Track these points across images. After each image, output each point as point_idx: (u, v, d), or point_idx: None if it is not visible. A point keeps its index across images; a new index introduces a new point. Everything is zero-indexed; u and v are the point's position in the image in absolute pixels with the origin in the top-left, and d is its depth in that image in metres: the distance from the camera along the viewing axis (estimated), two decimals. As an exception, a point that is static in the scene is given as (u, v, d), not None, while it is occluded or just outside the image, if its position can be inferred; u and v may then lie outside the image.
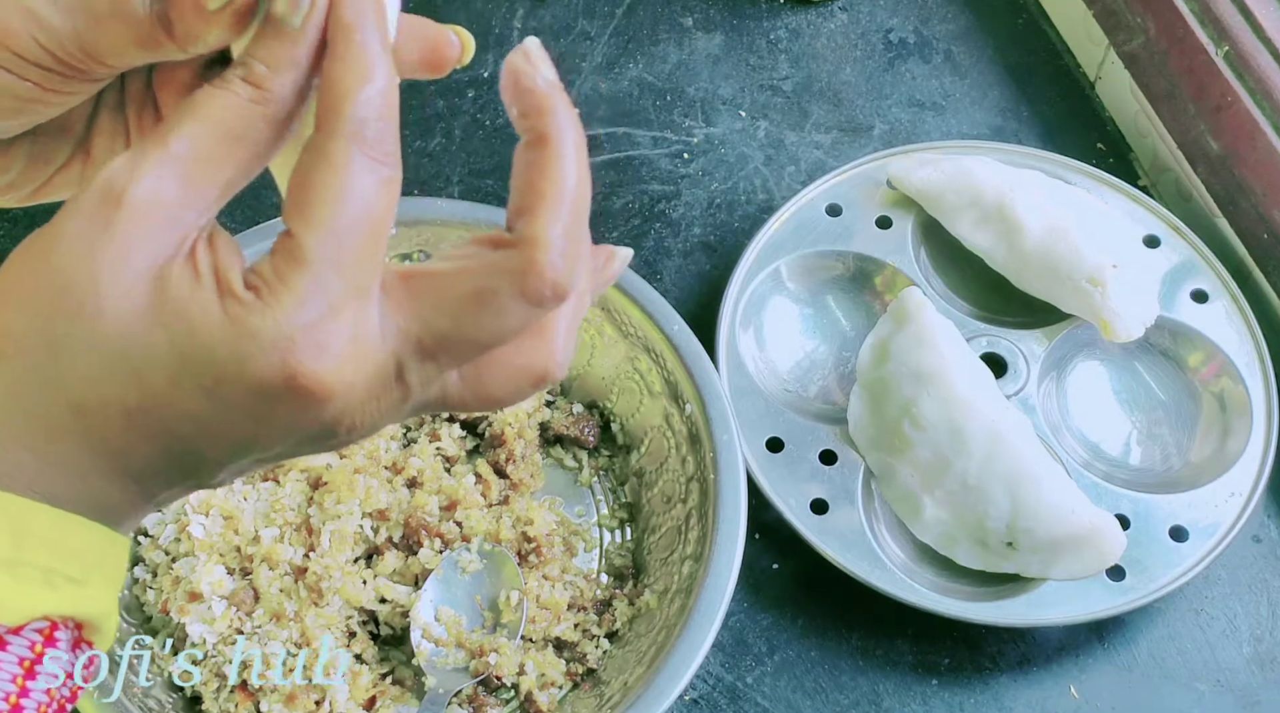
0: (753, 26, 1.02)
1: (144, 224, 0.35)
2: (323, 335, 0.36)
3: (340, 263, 0.36)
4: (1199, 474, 0.80)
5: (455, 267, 0.38)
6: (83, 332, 0.35)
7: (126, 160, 0.36)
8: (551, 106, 0.38)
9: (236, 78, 0.37)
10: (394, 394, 0.38)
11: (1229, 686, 0.77)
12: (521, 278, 0.37)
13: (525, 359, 0.40)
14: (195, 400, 0.36)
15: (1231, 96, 0.86)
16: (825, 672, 0.77)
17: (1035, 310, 0.86)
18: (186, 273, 0.36)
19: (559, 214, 0.38)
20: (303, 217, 0.36)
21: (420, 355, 0.38)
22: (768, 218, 0.88)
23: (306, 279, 0.36)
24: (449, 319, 0.37)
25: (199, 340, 0.36)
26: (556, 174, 0.38)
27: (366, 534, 0.76)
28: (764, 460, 0.80)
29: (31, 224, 0.91)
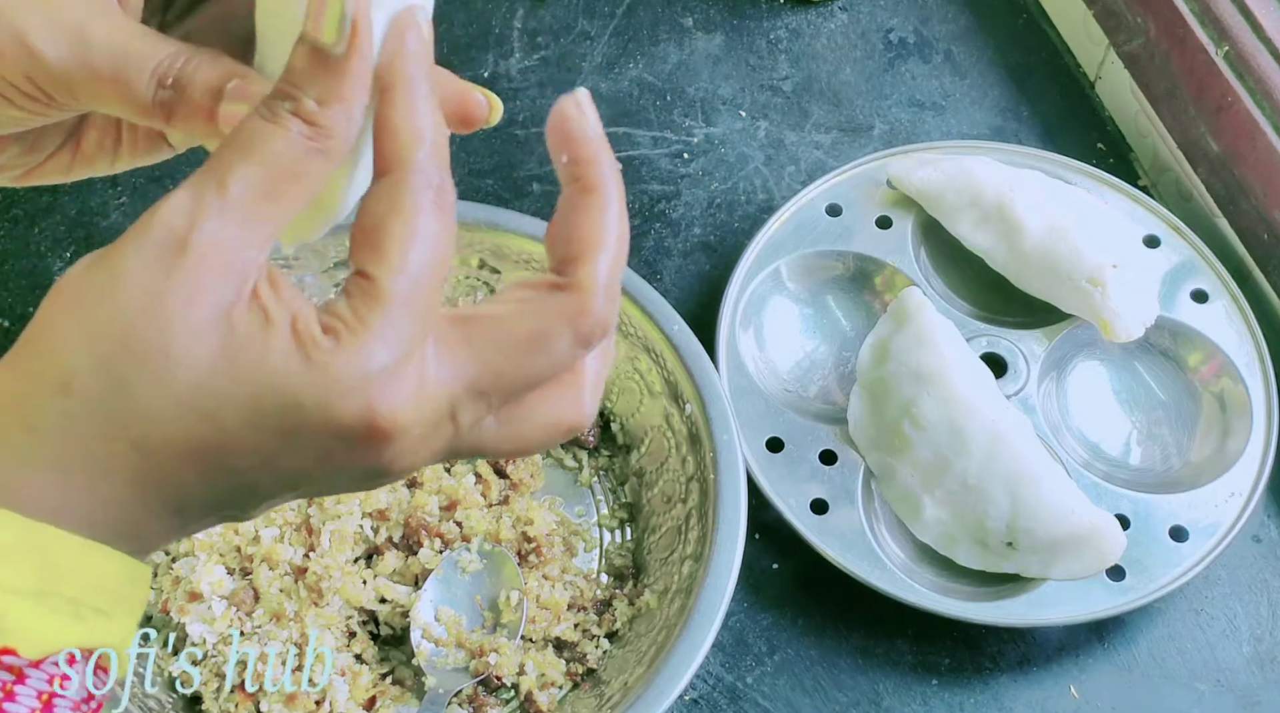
0: (753, 26, 1.02)
1: (208, 270, 0.36)
2: (399, 376, 0.37)
3: (414, 305, 0.37)
4: (1199, 474, 0.80)
5: (511, 309, 0.39)
6: (151, 375, 0.36)
7: (185, 203, 0.36)
8: (600, 158, 0.40)
9: (286, 112, 0.37)
10: (445, 434, 0.39)
11: (1229, 686, 0.77)
12: (575, 320, 0.39)
13: (557, 409, 0.41)
14: (269, 441, 0.37)
15: (1232, 97, 0.86)
16: (825, 672, 0.77)
17: (1035, 310, 0.86)
18: (256, 317, 0.36)
19: (606, 258, 0.39)
20: (379, 259, 0.37)
21: (474, 395, 0.39)
22: (768, 218, 0.88)
23: (384, 321, 0.37)
24: (506, 360, 0.39)
25: (279, 387, 0.36)
26: (605, 223, 0.40)
27: (366, 534, 0.76)
28: (764, 460, 0.80)
29: (32, 225, 0.91)
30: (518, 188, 0.93)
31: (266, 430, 0.37)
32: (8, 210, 0.92)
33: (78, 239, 0.91)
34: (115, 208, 0.92)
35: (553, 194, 0.94)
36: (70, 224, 0.92)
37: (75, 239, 0.91)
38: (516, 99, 0.98)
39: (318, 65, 0.38)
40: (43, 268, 0.90)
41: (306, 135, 0.37)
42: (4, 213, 0.92)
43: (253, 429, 0.37)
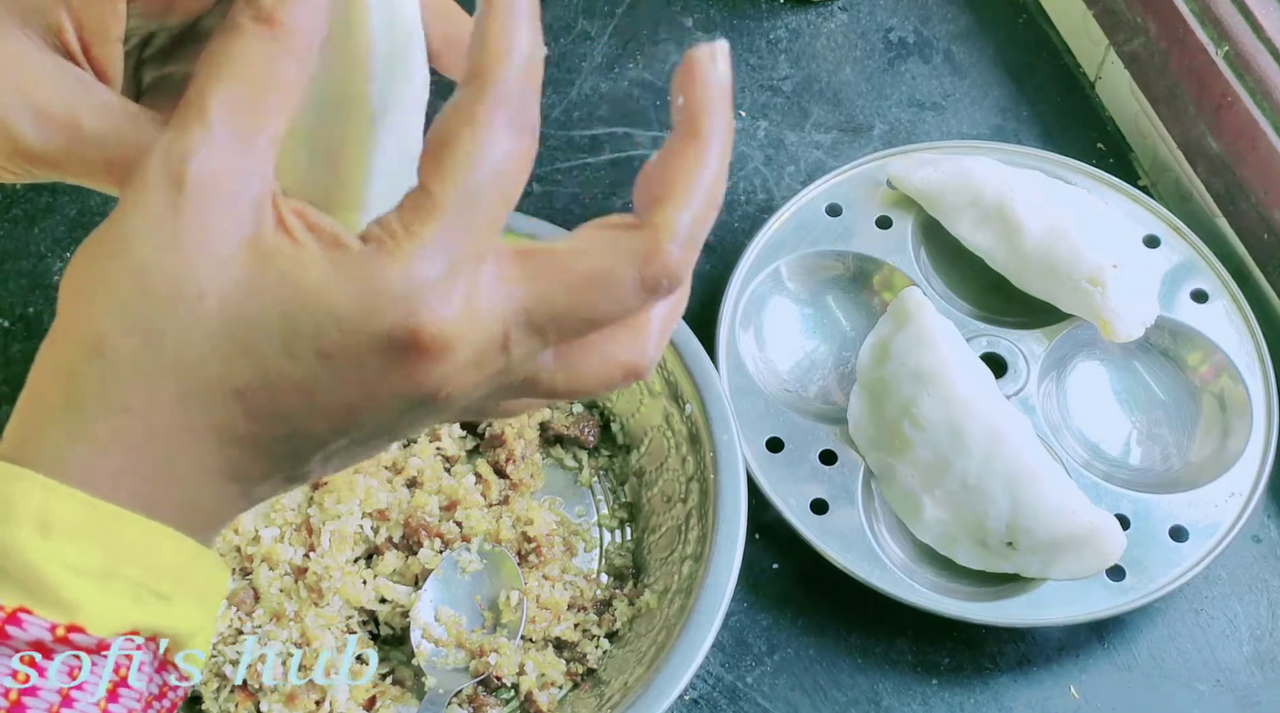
0: (753, 26, 1.02)
1: (215, 199, 0.34)
2: (446, 291, 0.35)
3: (470, 221, 0.35)
4: (1199, 474, 0.80)
5: (577, 244, 0.37)
6: (183, 317, 0.34)
7: (170, 142, 0.35)
8: (715, 107, 0.38)
9: (246, 18, 0.36)
10: (496, 363, 0.37)
11: (1229, 686, 0.77)
12: (644, 262, 0.37)
13: (620, 350, 0.39)
14: (308, 368, 0.35)
15: (1232, 96, 0.86)
16: (825, 672, 0.77)
17: (1035, 310, 0.86)
18: (281, 238, 0.35)
19: (691, 206, 0.37)
20: (439, 171, 0.35)
21: (529, 328, 0.36)
22: (768, 218, 0.88)
23: (436, 233, 0.35)
24: (566, 295, 0.36)
25: (313, 301, 0.34)
26: (697, 169, 0.37)
27: (366, 534, 0.76)
28: (764, 460, 0.80)
29: (32, 225, 0.91)
30: (518, 188, 0.93)
31: (306, 355, 0.35)
32: (8, 210, 0.92)
33: (78, 239, 0.91)
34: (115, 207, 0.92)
35: (553, 194, 0.94)
36: (70, 224, 0.92)
37: (75, 239, 0.91)
38: (516, 99, 0.98)
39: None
40: (43, 268, 0.90)
41: (270, 37, 0.36)
42: (4, 213, 0.92)
43: (291, 357, 0.35)
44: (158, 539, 0.36)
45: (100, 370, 0.35)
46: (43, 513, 0.34)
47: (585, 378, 0.39)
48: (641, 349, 0.39)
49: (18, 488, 0.34)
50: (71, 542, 0.34)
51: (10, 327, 0.87)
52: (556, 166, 0.95)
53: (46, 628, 0.34)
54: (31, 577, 0.34)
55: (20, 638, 0.34)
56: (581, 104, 0.98)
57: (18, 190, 0.93)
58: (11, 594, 0.34)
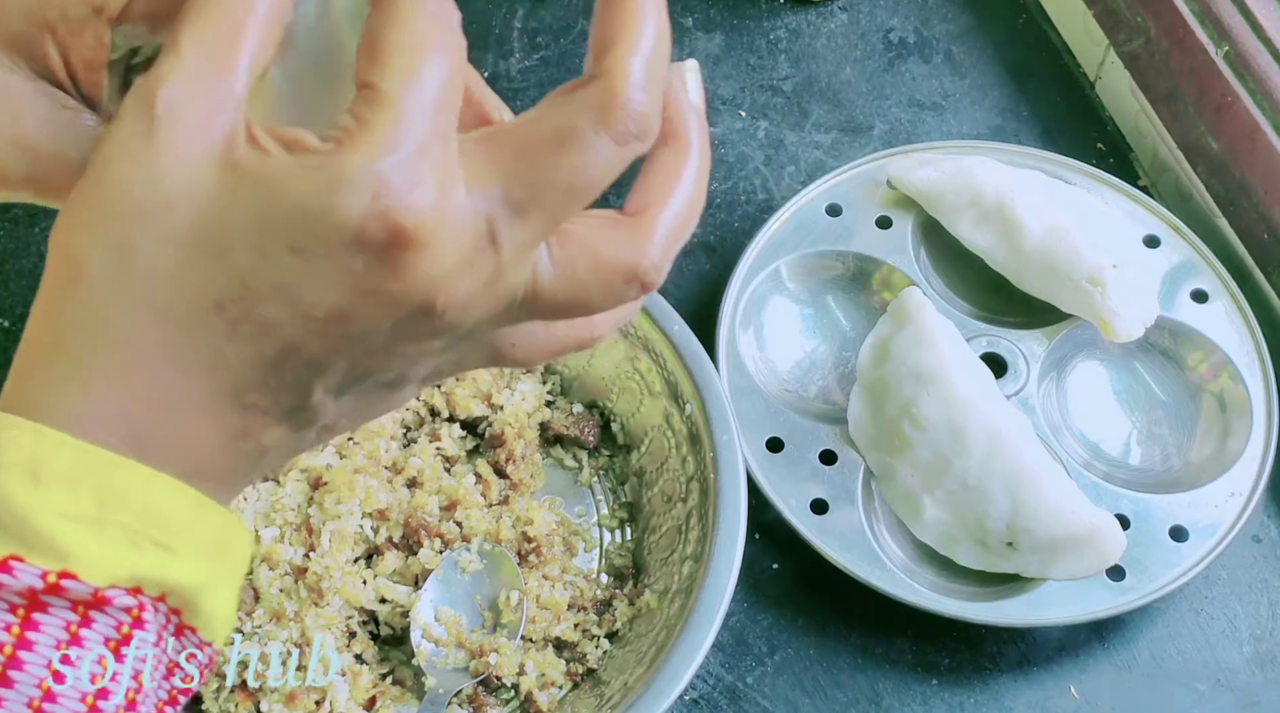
0: (753, 26, 1.02)
1: (185, 120, 0.34)
2: (414, 173, 0.34)
3: (422, 105, 0.34)
4: (1199, 474, 0.80)
5: (533, 114, 0.36)
6: (154, 230, 0.34)
7: (146, 79, 0.35)
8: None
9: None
10: (489, 262, 0.35)
11: (1229, 686, 0.77)
12: (603, 112, 0.35)
13: (617, 248, 0.37)
14: (284, 267, 0.34)
15: (1232, 96, 0.86)
16: (825, 671, 0.77)
17: (1035, 310, 0.86)
18: (250, 149, 0.34)
19: (639, 47, 0.36)
20: (379, 67, 0.35)
21: (510, 210, 0.35)
22: (768, 218, 0.88)
23: (390, 119, 0.34)
24: (533, 164, 0.35)
25: (283, 198, 0.34)
26: (636, 13, 0.36)
27: (366, 534, 0.76)
28: (764, 460, 0.80)
29: (32, 224, 0.91)
30: (518, 188, 0.93)
31: (278, 254, 0.34)
32: (8, 210, 0.92)
33: (78, 239, 0.91)
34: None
35: (553, 194, 0.94)
36: (70, 224, 0.92)
37: (75, 239, 0.91)
38: (516, 99, 0.98)
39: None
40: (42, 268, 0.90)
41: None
42: (4, 213, 0.92)
43: (265, 257, 0.34)
44: (153, 485, 0.35)
45: (80, 297, 0.34)
46: (32, 460, 0.33)
47: (584, 280, 0.37)
48: (642, 247, 0.38)
49: (6, 435, 0.34)
50: (62, 488, 0.33)
51: (10, 327, 0.87)
52: (556, 166, 0.95)
53: (38, 575, 0.33)
54: (22, 525, 0.33)
55: (11, 586, 0.33)
56: (581, 104, 0.98)
57: (18, 190, 0.93)
58: (3, 544, 0.33)
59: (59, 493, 0.33)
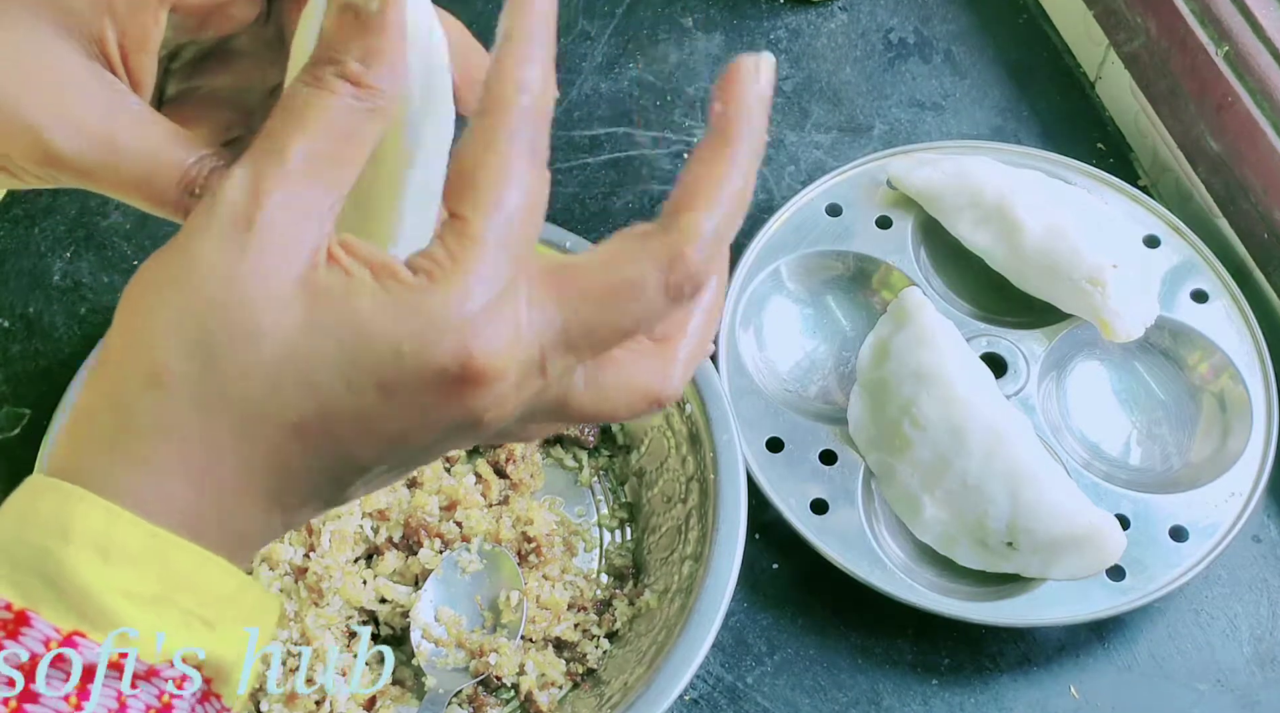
0: (753, 26, 1.02)
1: (279, 242, 0.35)
2: (497, 316, 0.36)
3: (509, 245, 0.36)
4: (1199, 474, 0.80)
5: (604, 257, 0.38)
6: (242, 354, 0.35)
7: (245, 179, 0.36)
8: (751, 115, 0.39)
9: (331, 75, 0.37)
10: (534, 384, 0.37)
11: (1229, 686, 0.77)
12: (667, 266, 0.37)
13: (646, 376, 0.40)
14: (368, 399, 0.36)
15: (1232, 96, 0.86)
16: (825, 671, 0.77)
17: (1035, 310, 0.86)
18: (335, 274, 0.36)
19: (715, 212, 0.38)
20: (473, 200, 0.36)
21: (564, 345, 0.37)
22: (768, 218, 0.88)
23: (480, 259, 0.36)
24: (595, 308, 0.37)
25: (372, 336, 0.35)
26: (724, 175, 0.38)
27: (366, 534, 0.76)
28: (764, 460, 0.80)
29: (32, 225, 0.91)
30: (518, 188, 0.93)
31: (366, 388, 0.36)
32: (8, 210, 0.92)
33: (78, 239, 0.91)
34: (115, 208, 0.92)
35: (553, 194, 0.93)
36: (70, 224, 0.92)
37: (75, 239, 0.91)
38: (516, 99, 0.98)
39: (355, 26, 0.37)
40: (43, 268, 0.90)
41: (356, 97, 0.37)
42: (4, 213, 0.92)
43: (350, 388, 0.36)
44: (206, 567, 0.36)
45: (158, 399, 0.35)
46: (103, 538, 0.35)
47: (612, 400, 0.40)
48: (666, 376, 0.40)
49: (78, 509, 0.35)
50: (129, 568, 0.35)
51: (10, 327, 0.87)
52: (556, 166, 0.95)
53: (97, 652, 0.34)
54: (87, 601, 0.34)
55: (74, 660, 0.34)
56: (581, 104, 0.98)
57: (18, 190, 0.93)
58: (66, 617, 0.34)
59: (126, 571, 0.35)
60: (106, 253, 0.91)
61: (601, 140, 0.96)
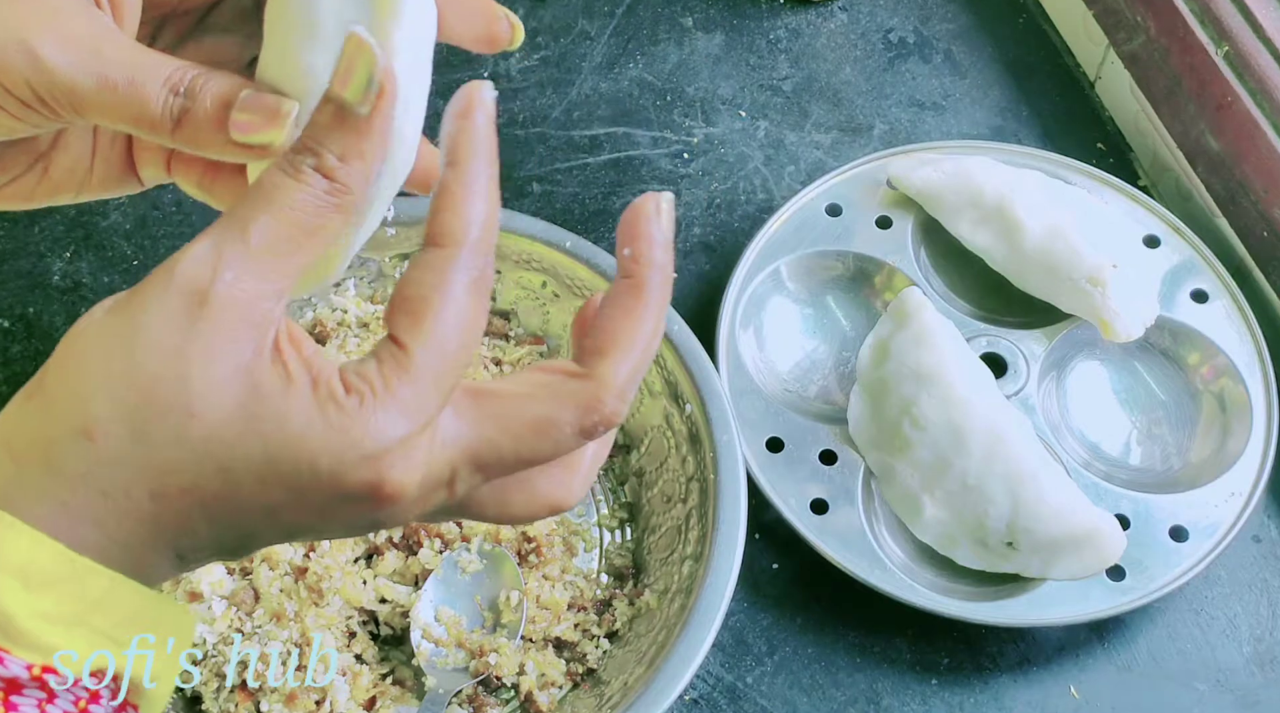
0: (753, 26, 1.02)
1: (229, 324, 0.37)
2: (413, 448, 0.38)
3: (441, 381, 0.38)
4: (1199, 474, 0.80)
5: (526, 390, 0.40)
6: (170, 428, 0.37)
7: (207, 253, 0.37)
8: (659, 262, 0.41)
9: (308, 167, 0.38)
10: (440, 497, 0.40)
11: (1229, 686, 0.77)
12: (584, 412, 0.40)
13: (549, 487, 0.42)
14: (276, 497, 0.38)
15: (1231, 96, 0.86)
16: (825, 671, 0.77)
17: (1035, 310, 0.86)
18: (276, 374, 0.37)
19: (631, 360, 0.40)
20: (417, 331, 0.38)
21: (474, 466, 0.40)
22: (768, 218, 0.88)
23: (412, 392, 0.38)
24: (511, 441, 0.39)
25: (296, 447, 0.37)
26: (641, 325, 0.41)
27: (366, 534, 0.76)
28: (764, 460, 0.80)
29: (31, 224, 0.91)
30: (518, 188, 0.93)
31: (278, 487, 0.37)
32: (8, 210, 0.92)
33: (77, 239, 0.91)
34: (115, 208, 0.92)
35: (553, 194, 0.94)
36: (70, 224, 0.92)
37: (75, 239, 0.91)
38: (516, 99, 0.98)
39: (341, 122, 0.38)
40: (42, 268, 0.90)
41: (326, 190, 0.38)
42: (4, 213, 0.92)
43: (263, 484, 0.37)
44: (120, 589, 0.38)
45: (85, 453, 0.37)
46: (27, 564, 0.36)
47: (515, 509, 0.42)
48: (569, 487, 0.43)
49: (6, 535, 0.36)
50: (50, 593, 0.36)
51: (10, 327, 0.87)
52: (556, 166, 0.95)
53: (24, 667, 0.36)
54: (10, 623, 0.36)
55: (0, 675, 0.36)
56: (581, 104, 0.98)
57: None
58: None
59: (46, 597, 0.36)
60: (106, 253, 0.91)
61: (601, 140, 0.96)
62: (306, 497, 0.38)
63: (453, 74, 0.98)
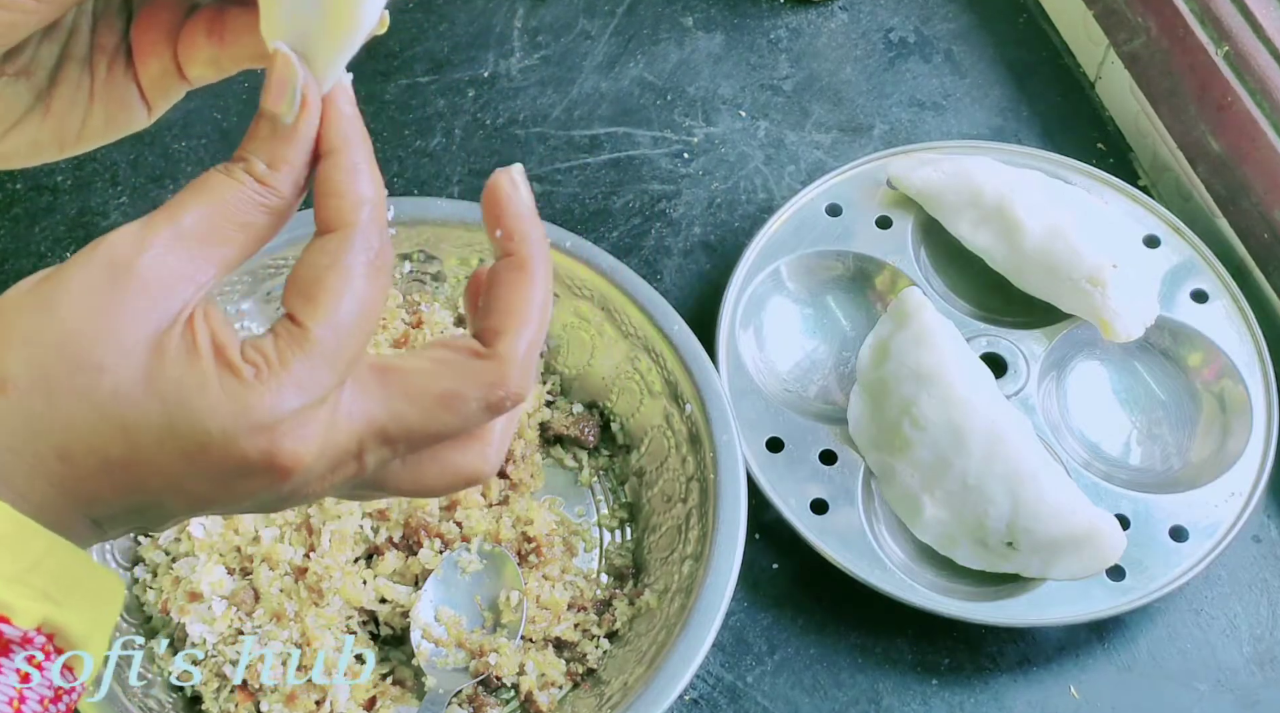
0: (753, 26, 1.02)
1: (149, 292, 0.38)
2: (307, 420, 0.39)
3: (338, 357, 0.40)
4: (1199, 474, 0.80)
5: (430, 366, 0.41)
6: (80, 385, 0.38)
7: (137, 229, 0.39)
8: (533, 234, 0.43)
9: (240, 169, 0.41)
10: (349, 470, 0.41)
11: (1229, 686, 0.77)
12: (490, 388, 0.41)
13: (463, 459, 0.43)
14: (174, 463, 0.39)
15: (1232, 96, 0.86)
16: (825, 671, 0.77)
17: (1035, 310, 0.86)
18: (184, 343, 0.39)
19: (529, 334, 0.42)
20: (314, 309, 0.39)
21: (381, 441, 0.41)
22: (768, 218, 0.88)
23: (306, 367, 0.39)
24: (418, 414, 0.41)
25: (192, 411, 0.38)
26: (531, 298, 0.42)
27: (366, 534, 0.76)
28: (764, 460, 0.80)
29: (31, 224, 0.91)
30: (518, 188, 0.93)
31: (174, 453, 0.38)
32: (8, 210, 0.92)
33: (78, 239, 0.91)
34: (115, 208, 0.92)
35: (553, 194, 0.94)
36: (70, 224, 0.92)
37: (75, 239, 0.91)
38: (517, 98, 0.98)
39: (269, 132, 0.41)
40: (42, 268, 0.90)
41: (256, 192, 0.40)
42: (4, 213, 0.92)
43: (161, 450, 0.38)
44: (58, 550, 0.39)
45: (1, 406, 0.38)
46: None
47: (429, 481, 0.43)
48: (483, 457, 0.44)
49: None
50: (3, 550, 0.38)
51: (10, 326, 0.87)
52: (556, 166, 0.95)
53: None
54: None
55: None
56: (581, 104, 0.98)
57: (18, 190, 0.93)
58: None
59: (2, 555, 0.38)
60: (106, 253, 0.90)
61: (601, 140, 0.96)
62: (201, 465, 0.39)
63: (453, 73, 0.98)
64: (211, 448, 0.38)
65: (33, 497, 0.38)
